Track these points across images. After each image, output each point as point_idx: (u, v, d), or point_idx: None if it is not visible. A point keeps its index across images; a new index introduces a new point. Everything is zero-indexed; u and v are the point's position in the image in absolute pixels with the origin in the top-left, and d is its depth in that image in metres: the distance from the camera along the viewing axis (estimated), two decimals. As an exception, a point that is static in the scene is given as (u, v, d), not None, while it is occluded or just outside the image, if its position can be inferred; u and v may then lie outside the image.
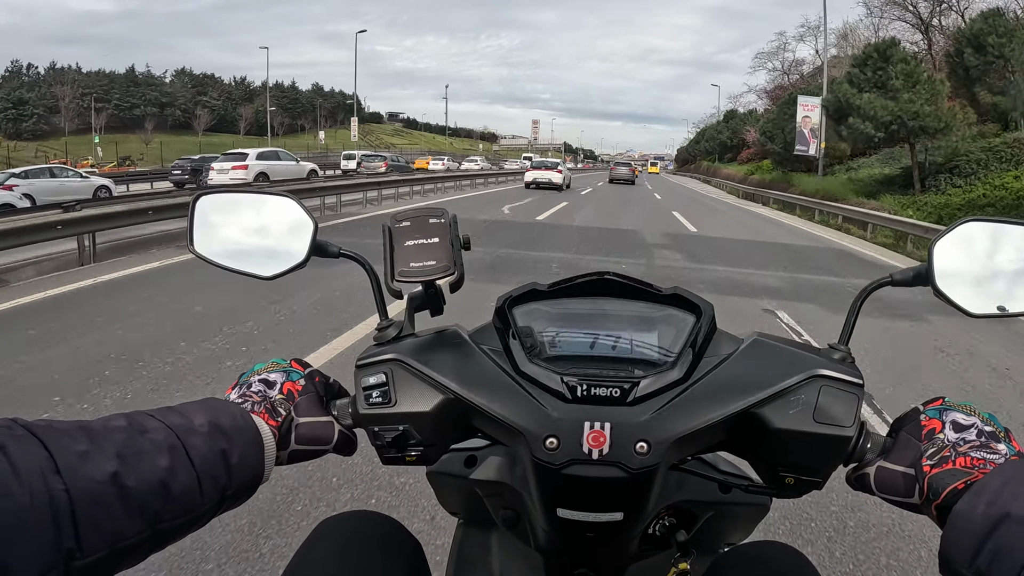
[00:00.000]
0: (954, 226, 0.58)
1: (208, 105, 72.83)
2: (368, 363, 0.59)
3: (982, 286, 0.58)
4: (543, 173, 23.75)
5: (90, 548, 0.37)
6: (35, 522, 0.34)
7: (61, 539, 0.35)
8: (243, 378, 0.58)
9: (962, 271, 0.58)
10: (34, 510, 0.35)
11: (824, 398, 0.54)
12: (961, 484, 0.47)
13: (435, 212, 0.61)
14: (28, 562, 0.34)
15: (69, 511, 0.36)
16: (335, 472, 2.33)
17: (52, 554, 0.35)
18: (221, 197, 0.66)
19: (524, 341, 0.56)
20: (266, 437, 0.52)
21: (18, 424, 0.38)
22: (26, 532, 0.34)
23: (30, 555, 0.34)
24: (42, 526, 0.35)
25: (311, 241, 0.62)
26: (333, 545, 0.63)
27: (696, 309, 0.56)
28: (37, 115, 60.94)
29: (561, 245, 8.57)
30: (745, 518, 0.72)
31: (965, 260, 0.58)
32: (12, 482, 0.34)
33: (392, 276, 0.58)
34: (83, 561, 0.36)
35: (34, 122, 60.82)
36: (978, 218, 0.58)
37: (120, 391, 2.99)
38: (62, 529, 0.36)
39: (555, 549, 0.62)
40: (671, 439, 0.53)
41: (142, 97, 72.20)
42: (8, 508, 0.33)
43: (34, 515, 0.34)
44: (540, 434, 0.53)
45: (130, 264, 6.20)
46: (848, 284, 6.84)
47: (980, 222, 0.58)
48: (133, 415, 0.45)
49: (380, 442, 0.57)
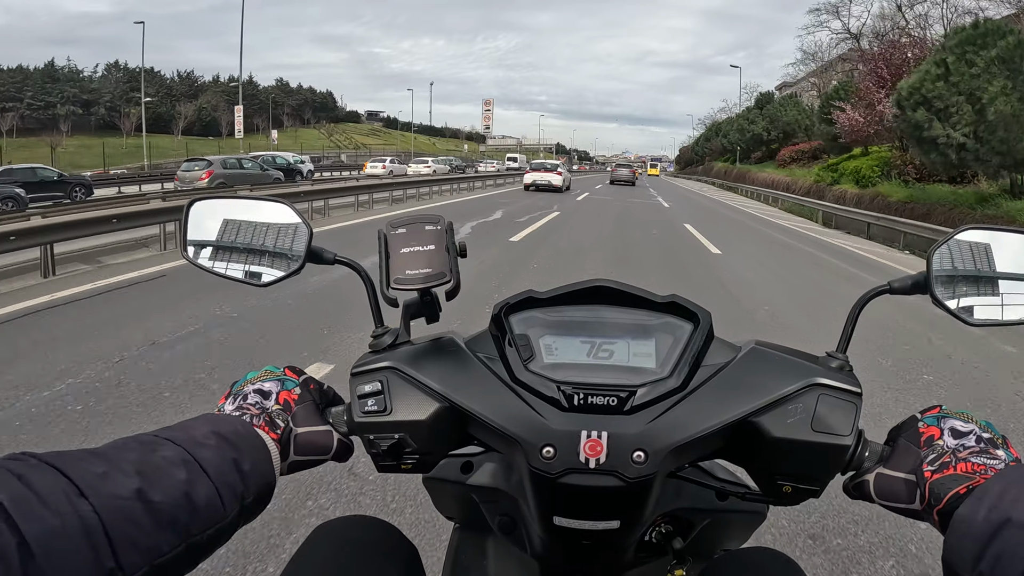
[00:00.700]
0: (952, 234, 0.63)
1: (138, 102, 65.43)
2: (363, 371, 0.61)
3: (981, 294, 0.62)
4: (543, 175, 24.00)
5: (130, 566, 0.38)
6: (71, 545, 0.36)
7: (100, 559, 0.37)
8: (236, 387, 0.61)
9: (960, 279, 0.62)
10: (66, 532, 0.36)
11: (822, 407, 0.57)
12: (963, 489, 0.49)
13: (431, 219, 0.64)
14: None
15: (102, 531, 0.38)
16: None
17: (95, 574, 0.36)
18: (215, 203, 0.69)
19: (520, 349, 0.59)
20: (270, 448, 0.55)
21: (30, 456, 0.40)
22: (65, 555, 0.35)
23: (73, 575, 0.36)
24: (78, 546, 0.36)
25: (306, 247, 0.65)
26: (328, 550, 0.66)
27: (694, 317, 0.60)
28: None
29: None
30: (741, 526, 0.76)
31: (963, 268, 0.62)
32: (38, 507, 0.36)
33: (387, 283, 0.61)
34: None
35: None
36: (976, 226, 0.63)
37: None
38: (99, 550, 0.37)
39: (551, 556, 0.66)
40: (668, 448, 0.56)
41: (60, 94, 67.94)
42: (41, 532, 0.35)
43: (67, 537, 0.36)
44: (536, 443, 0.56)
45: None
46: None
47: (978, 230, 0.63)
48: (140, 437, 0.48)
49: (376, 450, 0.60)
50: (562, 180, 23.77)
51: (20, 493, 0.36)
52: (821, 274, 8.27)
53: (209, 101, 74.82)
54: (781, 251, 10.53)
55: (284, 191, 14.41)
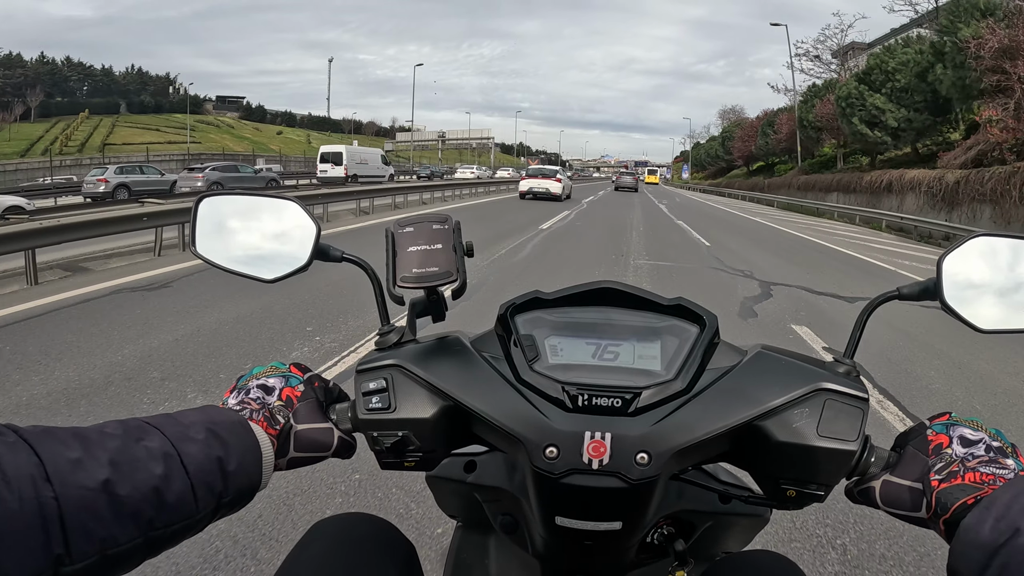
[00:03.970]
0: (963, 241, 0.62)
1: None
2: (368, 368, 0.62)
3: (991, 301, 0.62)
4: (540, 182, 22.71)
5: (79, 554, 0.39)
6: (24, 528, 0.37)
7: (50, 544, 0.38)
8: (241, 381, 0.62)
9: (971, 286, 0.62)
10: (23, 516, 0.37)
11: (828, 412, 0.57)
12: (971, 499, 0.49)
13: (438, 218, 0.65)
14: (17, 566, 0.36)
15: (58, 517, 0.39)
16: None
17: (41, 559, 0.38)
18: (224, 199, 0.70)
19: (526, 349, 0.59)
20: (264, 445, 0.55)
21: (10, 430, 0.40)
22: (15, 537, 0.36)
23: (19, 559, 0.37)
24: (31, 531, 0.37)
25: (313, 244, 0.65)
26: (326, 547, 0.66)
27: (700, 320, 0.59)
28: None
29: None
30: (744, 528, 0.76)
31: (974, 275, 0.62)
32: (2, 488, 0.37)
33: (394, 282, 0.61)
34: (73, 567, 0.39)
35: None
36: (988, 233, 0.63)
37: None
38: (51, 535, 0.38)
39: (553, 556, 0.66)
40: (672, 450, 0.56)
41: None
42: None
43: (23, 521, 0.37)
44: (540, 443, 0.56)
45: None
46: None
47: (990, 237, 0.62)
48: (130, 422, 0.48)
49: (379, 447, 0.60)
50: (561, 188, 22.55)
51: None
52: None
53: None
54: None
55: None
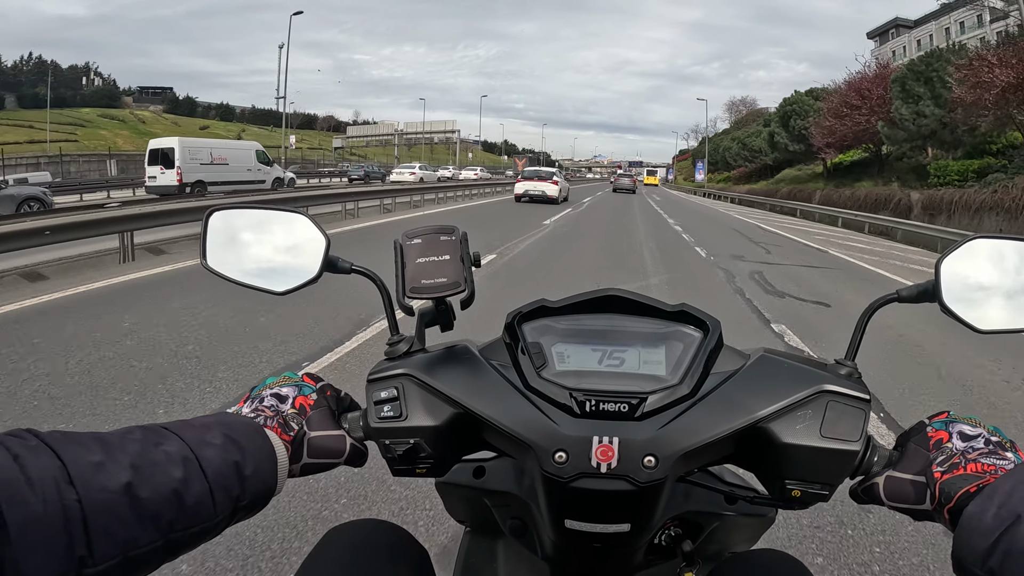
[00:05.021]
0: (961, 243, 0.63)
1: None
2: (379, 377, 0.63)
3: (989, 302, 0.63)
4: (536, 184, 22.13)
5: (102, 556, 0.40)
6: (48, 530, 0.38)
7: (73, 547, 0.39)
8: (255, 391, 0.63)
9: (969, 288, 0.63)
10: (47, 518, 0.38)
11: (831, 413, 0.58)
12: (973, 488, 0.50)
13: (446, 229, 0.66)
14: (41, 568, 0.37)
15: (81, 520, 0.39)
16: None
17: (64, 561, 0.38)
18: (234, 213, 0.71)
19: (533, 356, 0.60)
20: (279, 451, 0.56)
21: (32, 435, 0.41)
22: (39, 539, 0.37)
23: (43, 562, 0.37)
24: (55, 534, 0.38)
25: (323, 257, 0.66)
26: (340, 553, 0.67)
27: (704, 325, 0.60)
28: None
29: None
30: (750, 528, 0.77)
31: (972, 277, 0.63)
32: (26, 491, 0.37)
33: (403, 292, 0.63)
34: (95, 568, 0.40)
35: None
36: (985, 235, 0.64)
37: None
38: (74, 537, 0.39)
39: (562, 559, 0.67)
40: (678, 453, 0.57)
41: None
42: (22, 516, 0.36)
43: (47, 523, 0.38)
44: (549, 448, 0.57)
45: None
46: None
47: (987, 239, 0.64)
48: (149, 428, 0.49)
49: (391, 455, 0.61)
50: (558, 190, 22.03)
51: (12, 476, 0.37)
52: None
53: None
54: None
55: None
